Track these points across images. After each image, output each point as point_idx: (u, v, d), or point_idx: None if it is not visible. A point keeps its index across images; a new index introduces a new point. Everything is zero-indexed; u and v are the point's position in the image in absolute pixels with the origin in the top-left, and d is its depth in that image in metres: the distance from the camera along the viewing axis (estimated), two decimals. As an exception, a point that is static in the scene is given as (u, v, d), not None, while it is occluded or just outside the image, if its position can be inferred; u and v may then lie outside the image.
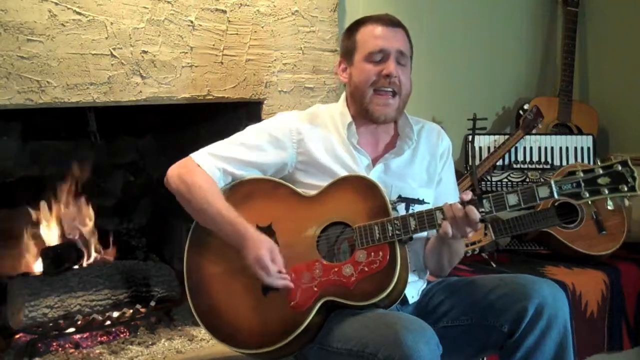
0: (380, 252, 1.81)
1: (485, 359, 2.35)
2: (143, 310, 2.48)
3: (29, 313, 2.26)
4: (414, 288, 2.00)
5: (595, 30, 3.68)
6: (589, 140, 3.25)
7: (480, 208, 1.76)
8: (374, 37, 1.94)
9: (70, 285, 2.37)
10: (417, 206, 1.98)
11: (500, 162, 3.20)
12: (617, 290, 2.84)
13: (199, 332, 2.47)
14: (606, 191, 1.71)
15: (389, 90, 1.94)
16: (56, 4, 2.06)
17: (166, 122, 2.76)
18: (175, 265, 2.75)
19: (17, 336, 2.36)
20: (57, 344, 2.35)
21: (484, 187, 3.12)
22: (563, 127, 3.44)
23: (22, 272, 2.58)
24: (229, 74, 2.42)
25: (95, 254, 2.70)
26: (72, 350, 2.33)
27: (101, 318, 2.40)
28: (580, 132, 3.39)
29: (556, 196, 1.73)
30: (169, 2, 2.27)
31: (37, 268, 2.57)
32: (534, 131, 3.21)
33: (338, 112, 2.04)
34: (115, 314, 2.44)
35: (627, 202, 1.72)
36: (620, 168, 1.70)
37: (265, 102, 2.52)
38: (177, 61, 2.30)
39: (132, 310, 2.45)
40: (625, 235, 2.92)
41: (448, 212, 1.78)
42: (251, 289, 1.87)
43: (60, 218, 2.66)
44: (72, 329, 2.37)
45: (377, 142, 2.05)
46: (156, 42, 2.25)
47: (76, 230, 2.68)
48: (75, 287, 2.37)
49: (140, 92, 2.24)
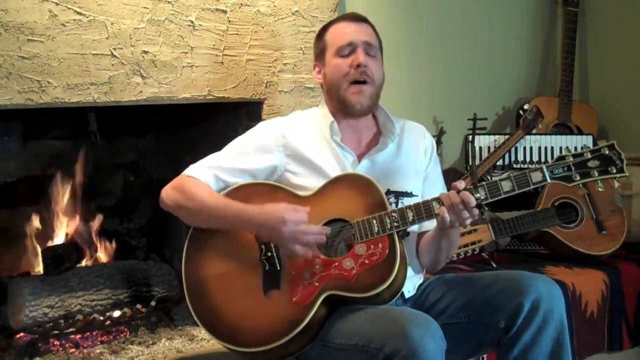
0: (380, 244, 1.84)
1: (485, 357, 2.36)
2: (143, 310, 2.48)
3: (30, 313, 2.26)
4: (411, 283, 2.02)
5: (595, 30, 3.68)
6: (589, 140, 3.25)
7: (476, 194, 1.82)
8: (341, 33, 2.04)
9: (71, 285, 2.37)
10: (407, 199, 2.01)
11: (500, 162, 3.20)
12: (617, 290, 2.84)
13: (199, 332, 2.47)
14: (596, 173, 1.82)
15: (361, 80, 2.01)
16: (57, 4, 2.06)
17: (166, 122, 2.77)
18: (176, 265, 2.75)
19: (17, 336, 2.36)
20: (58, 343, 2.35)
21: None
22: (563, 127, 3.44)
23: (23, 272, 2.58)
24: (229, 74, 2.42)
25: (95, 253, 2.70)
26: (73, 350, 2.33)
27: (101, 318, 2.40)
28: (580, 132, 3.39)
29: (549, 180, 1.81)
30: (169, 2, 2.27)
31: (38, 268, 2.58)
32: (534, 131, 3.21)
33: (319, 114, 2.10)
34: (116, 313, 2.44)
35: (616, 183, 1.85)
36: (607, 152, 1.82)
37: (266, 102, 2.52)
38: (177, 61, 2.30)
39: (132, 310, 2.46)
40: (625, 235, 2.92)
41: (445, 200, 1.83)
42: (251, 288, 1.88)
43: (61, 218, 2.67)
44: (72, 329, 2.37)
45: (359, 139, 2.09)
46: (157, 42, 2.26)
47: (76, 230, 2.69)
48: (75, 287, 2.38)
49: (141, 92, 2.24)
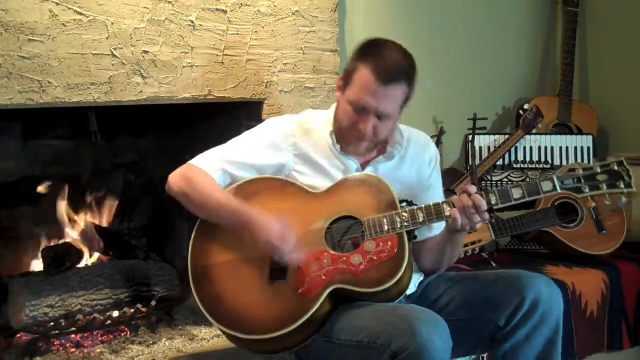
0: (389, 242, 1.86)
1: (485, 357, 2.36)
2: (144, 309, 2.48)
3: (30, 313, 2.26)
4: (412, 281, 2.01)
5: (595, 30, 3.68)
6: (589, 140, 3.26)
7: (486, 199, 1.85)
8: (363, 89, 1.88)
9: (71, 284, 2.37)
10: (409, 208, 2.00)
11: (500, 162, 3.20)
12: (617, 290, 2.85)
13: (199, 332, 2.47)
14: (605, 187, 1.85)
15: (361, 140, 1.96)
16: (57, 4, 2.07)
17: (167, 122, 2.77)
18: (177, 265, 2.75)
19: (18, 336, 2.36)
20: (58, 343, 2.35)
21: (485, 186, 3.12)
22: (563, 127, 3.45)
23: (23, 272, 2.58)
24: (229, 74, 2.42)
25: (96, 253, 2.70)
26: (73, 349, 2.33)
27: (102, 318, 2.40)
28: (580, 132, 3.39)
29: (559, 190, 1.86)
30: (169, 2, 2.27)
31: (38, 268, 2.58)
32: (534, 131, 3.21)
33: (326, 118, 2.06)
34: (116, 313, 2.44)
35: (624, 199, 1.91)
36: (616, 167, 1.86)
37: (266, 102, 2.53)
38: (177, 61, 2.30)
39: (133, 310, 2.45)
40: (625, 235, 2.92)
41: (457, 203, 1.85)
42: (257, 277, 1.89)
43: (61, 218, 2.67)
44: (73, 329, 2.37)
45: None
46: (157, 42, 2.26)
47: (77, 230, 2.69)
48: (76, 286, 2.37)
49: (141, 92, 2.24)
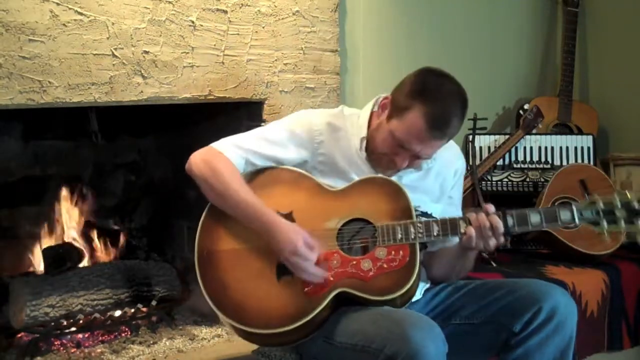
0: (401, 252, 1.84)
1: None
2: (144, 309, 2.49)
3: (31, 312, 2.26)
4: (418, 288, 2.01)
5: (595, 30, 3.68)
6: (589, 140, 3.25)
7: (503, 222, 1.82)
8: (412, 134, 1.84)
9: (72, 284, 2.38)
10: (425, 219, 1.97)
11: (500, 162, 3.20)
12: (617, 290, 2.84)
13: (200, 332, 2.48)
14: (622, 223, 1.85)
15: (390, 167, 1.95)
16: (57, 4, 2.07)
17: (167, 122, 2.77)
18: (177, 265, 2.76)
19: (18, 335, 2.37)
20: (59, 343, 2.36)
21: (485, 186, 3.12)
22: (563, 127, 3.44)
23: (24, 271, 2.59)
24: (230, 74, 2.42)
25: (96, 253, 2.71)
26: (74, 349, 2.33)
27: (102, 317, 2.40)
28: (580, 132, 3.39)
29: (577, 221, 1.86)
30: (170, 3, 2.27)
31: (39, 268, 2.58)
32: (534, 131, 3.21)
33: (360, 121, 2.01)
34: (117, 313, 2.45)
35: (639, 237, 1.86)
36: (636, 205, 1.83)
37: (267, 102, 2.53)
38: (178, 61, 2.31)
39: (133, 310, 2.46)
40: (625, 235, 2.92)
41: (474, 222, 1.83)
42: (265, 271, 1.87)
43: (62, 218, 2.67)
44: (73, 328, 2.37)
45: None
46: (157, 42, 2.26)
47: (77, 230, 2.69)
48: (76, 286, 2.38)
49: (142, 92, 2.24)
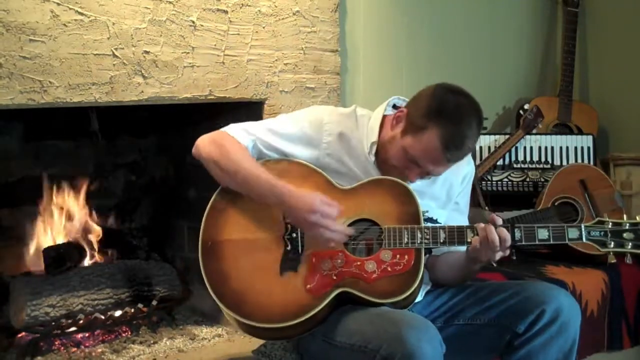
0: (406, 256, 1.84)
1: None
2: (145, 309, 2.49)
3: (31, 312, 2.26)
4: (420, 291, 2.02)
5: (595, 30, 3.69)
6: (589, 140, 3.26)
7: (511, 235, 1.82)
8: (427, 154, 1.85)
9: (72, 284, 2.38)
10: (430, 225, 1.97)
11: (500, 162, 3.20)
12: (617, 290, 2.85)
13: (200, 332, 2.48)
14: (629, 245, 1.85)
15: (401, 178, 1.94)
16: (58, 4, 2.07)
17: (168, 122, 2.77)
18: (177, 265, 2.76)
19: (19, 335, 2.36)
20: (59, 343, 2.36)
21: (485, 186, 3.12)
22: (563, 127, 3.45)
23: (24, 271, 2.58)
24: (230, 74, 2.42)
25: (97, 253, 2.71)
26: (74, 349, 2.33)
27: (103, 317, 2.40)
28: (580, 132, 3.39)
29: (584, 240, 1.86)
30: (170, 3, 2.27)
31: (39, 267, 2.58)
32: (534, 131, 3.22)
33: (371, 124, 2.00)
34: (117, 313, 2.45)
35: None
36: None
37: (267, 102, 2.53)
38: (178, 61, 2.31)
39: (133, 310, 2.46)
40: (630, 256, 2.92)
41: (481, 232, 1.82)
42: (268, 264, 1.88)
43: (62, 218, 2.67)
44: (74, 328, 2.37)
45: None
46: (158, 42, 2.26)
47: (78, 230, 2.69)
48: (77, 286, 2.38)
49: (142, 92, 2.24)
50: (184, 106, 2.42)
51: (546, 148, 3.24)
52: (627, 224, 1.84)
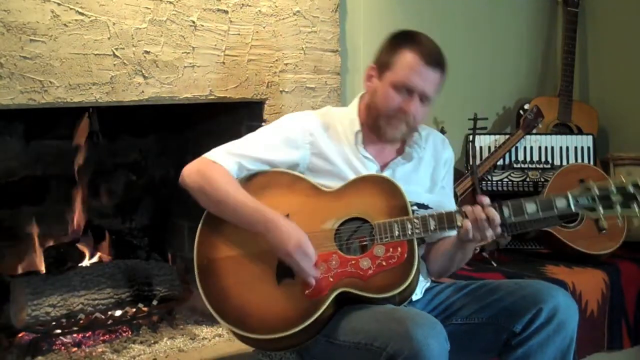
0: (399, 249, 1.84)
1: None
2: (145, 309, 2.49)
3: (32, 312, 2.26)
4: (419, 287, 2.01)
5: (595, 30, 3.69)
6: (589, 140, 3.26)
7: (499, 213, 1.82)
8: (409, 70, 1.91)
9: (73, 284, 2.38)
10: (421, 211, 1.99)
11: (500, 162, 3.20)
12: (617, 290, 2.85)
13: (201, 331, 2.48)
14: (618, 208, 1.83)
15: (403, 121, 1.96)
16: (59, 4, 2.07)
17: (168, 122, 2.77)
18: (178, 264, 2.76)
19: (19, 335, 2.37)
20: (60, 342, 2.36)
21: (485, 186, 3.13)
22: (563, 127, 3.45)
23: (25, 271, 2.59)
24: (230, 74, 2.43)
25: (97, 253, 2.71)
26: (75, 349, 2.34)
27: (103, 317, 2.40)
28: (580, 132, 3.39)
29: (573, 208, 1.85)
30: (170, 3, 2.27)
31: (40, 267, 2.58)
32: (534, 131, 3.22)
33: (348, 118, 2.04)
34: (118, 312, 2.45)
35: (636, 222, 1.87)
36: (631, 189, 1.83)
37: (267, 102, 2.53)
38: (179, 61, 2.31)
39: (134, 309, 2.46)
40: (625, 235, 2.92)
41: (470, 214, 1.83)
42: (265, 275, 1.88)
43: (63, 217, 2.67)
44: (74, 328, 2.38)
45: (384, 149, 2.06)
46: (158, 43, 2.26)
47: (79, 230, 2.69)
48: (77, 286, 2.38)
49: (143, 92, 2.25)
50: (184, 106, 2.42)
51: (546, 148, 3.24)
52: (613, 187, 1.84)
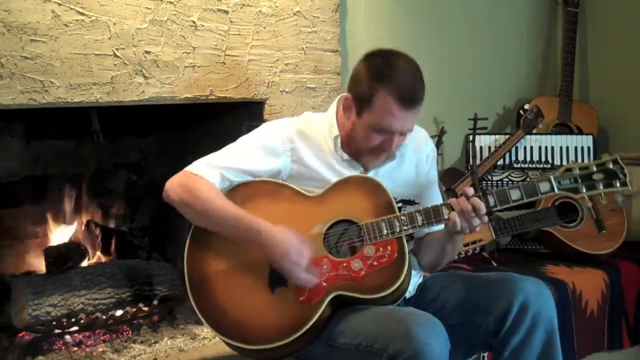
0: (389, 247, 1.85)
1: (485, 356, 2.37)
2: (146, 309, 2.49)
3: (33, 312, 2.27)
4: (411, 283, 2.01)
5: (595, 30, 3.69)
6: (589, 140, 3.26)
7: (486, 201, 1.84)
8: (389, 116, 1.86)
9: (74, 284, 2.38)
10: (409, 206, 2.00)
11: (501, 162, 3.21)
12: (617, 289, 2.85)
13: (201, 331, 2.48)
14: (601, 186, 1.85)
15: (383, 155, 1.95)
16: (59, 4, 2.07)
17: (169, 122, 2.77)
18: (178, 264, 2.76)
19: (20, 334, 2.37)
20: (60, 342, 2.36)
21: (485, 186, 3.13)
22: (563, 127, 3.45)
23: (26, 271, 2.59)
24: (231, 74, 2.43)
25: (98, 253, 2.71)
26: (75, 348, 2.34)
27: (104, 317, 2.41)
28: (580, 132, 3.40)
29: (556, 190, 1.85)
30: (171, 3, 2.28)
31: (41, 267, 2.59)
32: (534, 131, 3.22)
33: (327, 123, 2.03)
34: (118, 312, 2.45)
35: (619, 197, 1.86)
36: (612, 166, 1.85)
37: (268, 102, 2.53)
38: (179, 61, 2.31)
39: (134, 309, 2.46)
40: (625, 235, 2.93)
41: (456, 206, 1.84)
42: (258, 285, 1.87)
43: (63, 217, 2.68)
44: (75, 328, 2.38)
45: None
46: (159, 43, 2.27)
47: (79, 230, 2.70)
48: (78, 286, 2.38)
49: (143, 92, 2.25)
50: (184, 106, 2.42)
51: (546, 148, 3.25)
52: (594, 166, 1.85)
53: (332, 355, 1.84)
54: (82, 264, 2.58)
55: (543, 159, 3.23)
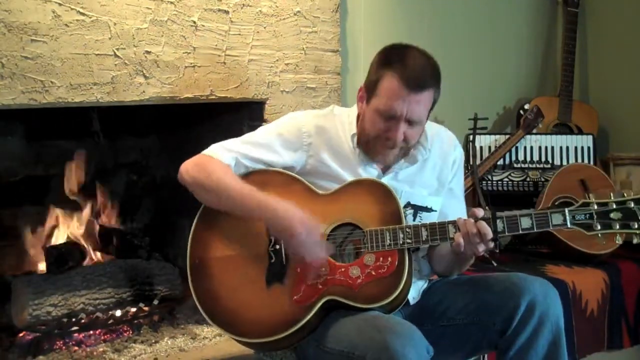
0: (389, 258, 1.82)
1: (486, 357, 2.37)
2: (146, 308, 2.49)
3: (33, 311, 2.27)
4: (415, 289, 2.01)
5: (595, 30, 3.69)
6: (589, 140, 3.26)
7: (493, 227, 1.78)
8: (391, 96, 1.83)
9: (74, 284, 2.38)
10: (425, 214, 1.98)
11: (501, 162, 3.21)
12: (617, 289, 2.85)
13: (201, 331, 2.48)
14: (617, 226, 1.77)
15: (388, 147, 1.92)
16: (60, 4, 2.08)
17: (169, 122, 2.78)
18: (179, 264, 2.76)
19: (21, 334, 2.37)
20: (61, 342, 2.36)
21: (485, 186, 3.13)
22: (563, 127, 3.45)
23: (26, 271, 2.59)
24: (231, 74, 2.43)
25: (98, 253, 2.71)
26: (76, 348, 2.34)
27: (105, 316, 2.41)
28: (580, 132, 3.40)
29: (569, 225, 1.78)
30: (171, 3, 2.28)
31: (41, 267, 2.59)
32: (534, 131, 3.22)
33: (348, 120, 2.01)
34: (119, 312, 2.45)
35: (635, 239, 1.77)
36: (632, 205, 1.75)
37: (268, 102, 2.54)
38: (179, 61, 2.31)
39: (135, 309, 2.47)
40: (625, 235, 2.92)
41: (462, 227, 1.79)
42: (255, 278, 1.87)
43: (64, 217, 2.68)
44: (75, 328, 2.38)
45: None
46: (159, 43, 2.27)
47: (80, 230, 2.70)
48: (78, 285, 2.39)
49: (144, 92, 2.25)
50: (185, 106, 2.42)
51: (546, 148, 3.24)
52: (614, 204, 1.76)
53: (321, 358, 1.84)
54: (82, 264, 2.58)
55: (543, 159, 3.23)
